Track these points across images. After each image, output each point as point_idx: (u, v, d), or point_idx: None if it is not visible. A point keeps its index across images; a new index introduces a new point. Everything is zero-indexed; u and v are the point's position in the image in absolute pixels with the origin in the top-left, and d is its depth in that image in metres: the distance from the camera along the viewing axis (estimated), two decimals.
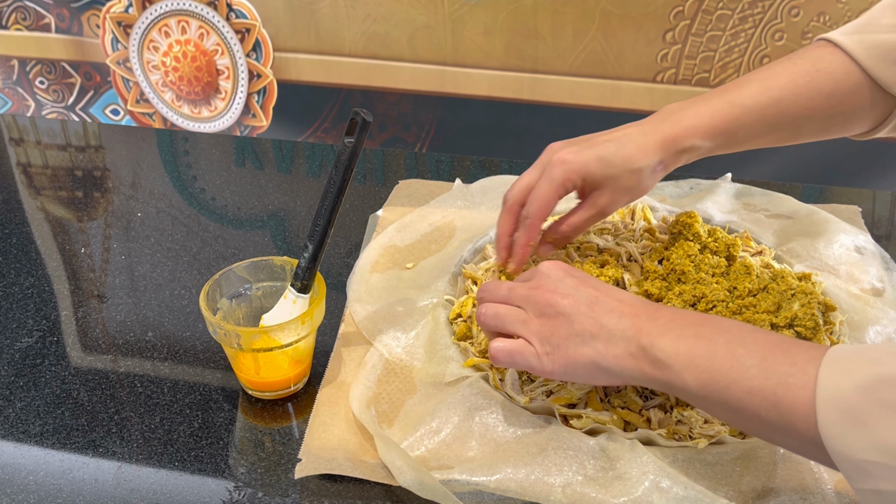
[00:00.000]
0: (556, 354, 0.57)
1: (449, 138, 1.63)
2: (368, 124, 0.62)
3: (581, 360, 0.56)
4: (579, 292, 0.58)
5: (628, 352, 0.55)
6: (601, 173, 0.67)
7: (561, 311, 0.57)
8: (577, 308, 0.57)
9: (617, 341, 0.55)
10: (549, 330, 0.57)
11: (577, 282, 0.59)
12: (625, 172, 0.67)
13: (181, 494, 0.59)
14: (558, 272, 0.60)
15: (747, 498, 0.56)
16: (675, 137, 0.68)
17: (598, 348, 0.55)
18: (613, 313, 0.56)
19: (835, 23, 1.33)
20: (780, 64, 0.70)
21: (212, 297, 0.67)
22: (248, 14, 1.58)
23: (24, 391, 0.69)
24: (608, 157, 0.67)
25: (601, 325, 0.56)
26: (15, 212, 0.96)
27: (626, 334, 0.55)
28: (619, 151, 0.67)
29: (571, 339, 0.56)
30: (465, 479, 0.57)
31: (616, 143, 0.68)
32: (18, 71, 1.78)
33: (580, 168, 0.67)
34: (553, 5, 1.42)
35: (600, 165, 0.67)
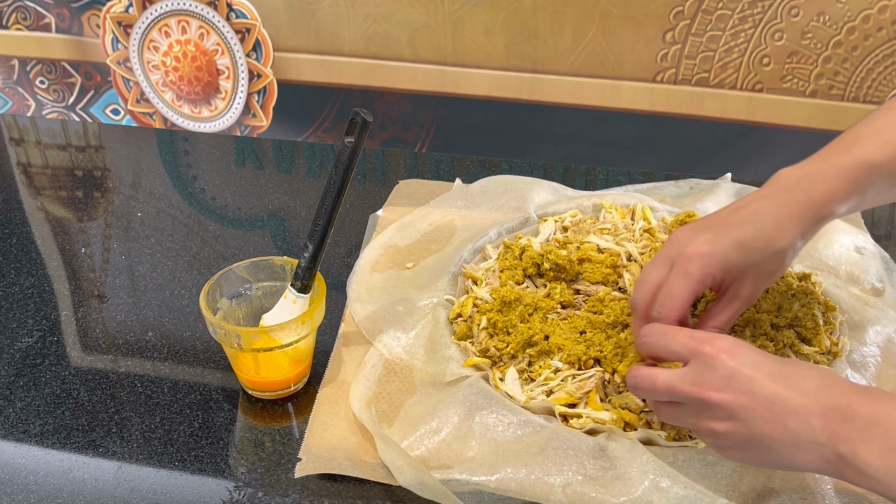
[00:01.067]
0: (735, 454, 0.53)
1: (449, 138, 1.63)
2: (368, 124, 0.62)
3: (764, 462, 0.52)
4: (754, 390, 0.50)
5: (822, 458, 0.49)
6: (742, 262, 0.58)
7: (735, 416, 0.50)
8: (756, 412, 0.50)
9: (807, 447, 0.49)
10: (723, 433, 0.51)
11: (752, 372, 0.51)
12: (767, 256, 0.59)
13: (181, 494, 0.59)
14: (728, 361, 0.51)
15: (747, 498, 0.56)
16: (813, 207, 0.59)
17: (786, 454, 0.50)
18: (798, 416, 0.49)
19: (835, 23, 1.33)
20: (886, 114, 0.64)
21: (212, 297, 0.67)
22: (248, 14, 1.58)
23: (24, 391, 0.69)
24: (748, 243, 0.58)
25: (786, 430, 0.49)
26: (15, 212, 0.96)
27: (818, 440, 0.48)
28: (758, 233, 0.58)
29: (752, 443, 0.51)
30: (465, 479, 0.57)
31: (752, 224, 0.59)
32: (19, 71, 1.78)
33: (720, 261, 0.58)
34: (553, 5, 1.42)
35: (741, 253, 0.58)
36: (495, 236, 0.84)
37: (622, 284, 0.75)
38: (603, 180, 1.01)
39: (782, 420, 0.49)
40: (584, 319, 0.70)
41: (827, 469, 0.49)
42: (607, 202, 0.87)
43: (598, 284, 0.75)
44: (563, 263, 0.74)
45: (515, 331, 0.68)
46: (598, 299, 0.72)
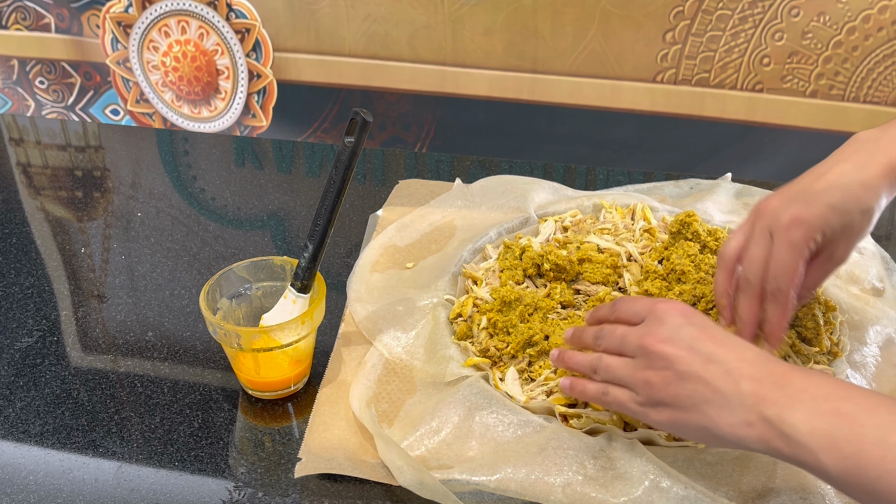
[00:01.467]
0: (663, 412, 0.54)
1: (449, 138, 1.62)
2: (368, 124, 0.62)
3: (690, 423, 0.52)
4: (696, 346, 0.53)
5: (746, 421, 0.50)
6: (839, 224, 0.60)
7: (671, 366, 0.53)
8: (691, 366, 0.52)
9: (733, 408, 0.50)
10: (657, 385, 0.53)
11: (696, 332, 0.53)
12: (858, 217, 0.60)
13: (181, 494, 0.59)
14: (676, 318, 0.54)
15: (747, 498, 0.56)
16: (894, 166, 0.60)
17: (711, 415, 0.51)
18: (731, 376, 0.51)
19: (835, 23, 1.33)
20: None
21: (212, 297, 0.67)
22: (248, 14, 1.58)
23: (24, 391, 0.68)
24: (839, 206, 0.59)
25: (715, 389, 0.51)
26: (15, 212, 0.96)
27: (746, 402, 0.50)
28: (847, 195, 0.59)
29: (681, 398, 0.52)
30: (465, 479, 0.57)
31: (839, 188, 0.60)
32: (18, 71, 1.78)
33: (820, 224, 0.59)
34: (553, 5, 1.42)
35: (837, 216, 0.59)
36: (495, 236, 0.84)
37: (622, 284, 0.75)
38: (603, 180, 1.01)
39: (715, 378, 0.51)
40: (584, 320, 0.70)
41: (750, 435, 0.50)
42: (607, 202, 0.87)
43: (598, 284, 0.75)
44: (563, 264, 0.74)
45: (515, 331, 0.68)
46: (599, 299, 0.72)
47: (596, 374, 0.58)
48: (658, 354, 0.53)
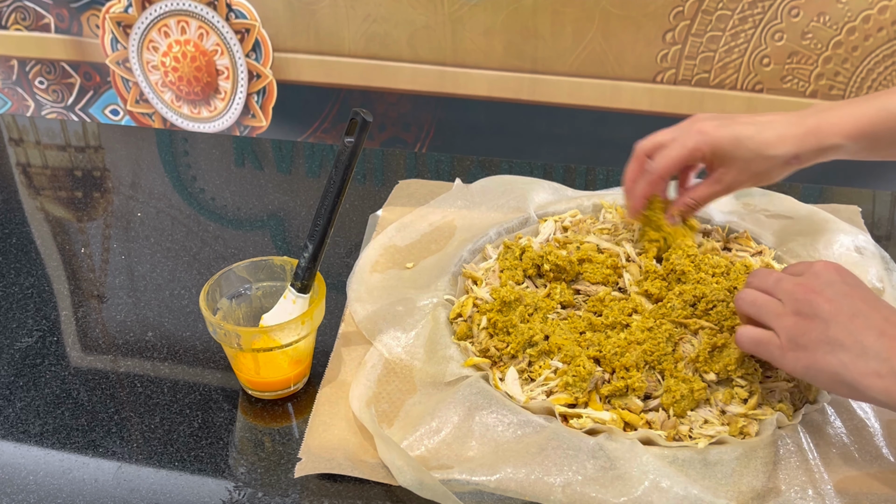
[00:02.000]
0: (801, 355, 0.56)
1: (449, 138, 1.63)
2: (368, 124, 0.62)
3: (825, 367, 0.54)
4: (845, 301, 0.56)
5: (877, 371, 0.52)
6: (731, 152, 0.69)
7: (818, 314, 0.55)
8: (837, 316, 0.55)
9: (868, 358, 0.53)
10: (800, 329, 0.56)
11: (848, 290, 0.57)
12: (756, 157, 0.69)
13: (181, 494, 0.59)
14: (832, 275, 0.58)
15: (747, 498, 0.56)
16: (819, 133, 0.68)
17: (845, 360, 0.53)
18: (874, 330, 0.54)
19: (835, 23, 1.33)
20: None
21: (212, 297, 0.67)
22: (248, 14, 1.58)
23: (24, 391, 0.68)
24: (743, 139, 0.69)
25: (856, 339, 0.53)
26: (15, 212, 0.96)
27: (881, 354, 0.53)
28: (757, 136, 0.69)
29: (821, 345, 0.55)
30: (465, 479, 0.57)
31: (756, 127, 0.69)
32: (18, 71, 1.78)
33: (713, 141, 0.69)
34: (553, 5, 1.42)
35: (733, 144, 0.69)
36: (495, 236, 0.84)
37: (622, 285, 0.75)
38: (603, 180, 1.01)
39: (858, 330, 0.54)
40: (584, 320, 0.70)
41: (878, 385, 0.52)
42: (607, 202, 0.87)
43: (598, 285, 0.75)
44: (563, 264, 0.74)
45: (515, 331, 0.68)
46: (598, 299, 0.72)
47: (741, 301, 0.62)
48: (807, 301, 0.56)
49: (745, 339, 0.60)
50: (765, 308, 0.59)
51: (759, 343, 0.59)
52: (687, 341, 0.68)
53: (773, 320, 0.58)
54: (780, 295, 0.59)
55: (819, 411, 0.63)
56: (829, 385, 0.56)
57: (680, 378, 0.63)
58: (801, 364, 0.56)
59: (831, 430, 0.62)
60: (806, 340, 0.55)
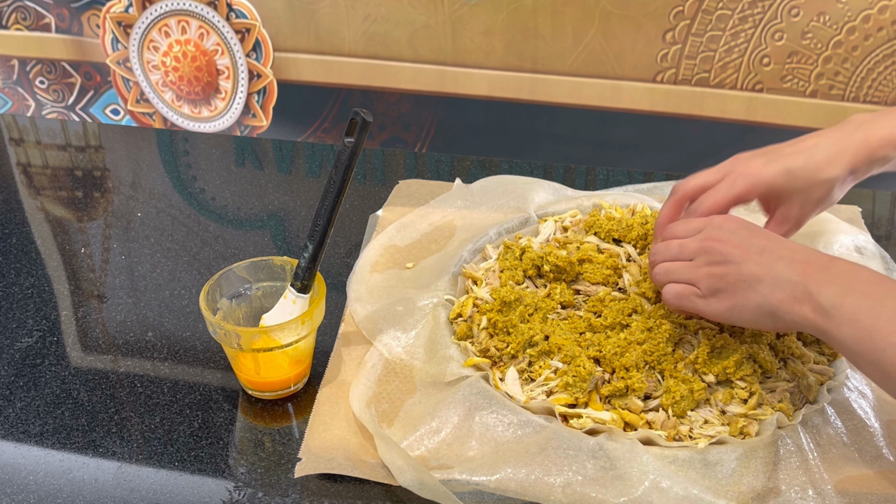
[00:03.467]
0: (723, 297, 0.59)
1: (449, 138, 1.63)
2: (368, 124, 0.62)
3: (747, 303, 0.58)
4: (750, 242, 0.60)
5: (793, 296, 0.56)
6: (788, 187, 0.67)
7: (730, 259, 0.59)
8: (747, 255, 0.59)
9: (784, 285, 0.57)
10: (717, 276, 0.60)
11: (750, 233, 0.61)
12: (814, 184, 0.67)
13: (181, 494, 0.59)
14: (731, 224, 0.62)
15: (747, 498, 0.56)
16: (869, 146, 0.67)
17: (765, 292, 0.57)
18: (783, 260, 0.58)
19: (835, 23, 1.33)
20: None
21: (212, 297, 0.67)
22: (248, 14, 1.58)
23: (24, 391, 0.69)
24: (796, 170, 0.66)
25: (770, 270, 0.58)
26: (15, 212, 0.96)
27: (794, 279, 0.57)
28: (808, 163, 0.66)
29: (739, 284, 0.59)
30: (465, 479, 0.57)
31: (805, 155, 0.67)
32: (18, 71, 1.78)
33: (766, 183, 0.67)
34: (553, 5, 1.42)
35: (787, 179, 0.66)
36: (495, 236, 0.84)
37: (622, 285, 0.75)
38: (603, 180, 1.01)
39: (769, 262, 0.58)
40: (584, 320, 0.70)
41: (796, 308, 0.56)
42: (607, 202, 0.87)
43: (598, 285, 0.75)
44: (563, 265, 0.74)
45: (516, 331, 0.68)
46: (599, 299, 0.72)
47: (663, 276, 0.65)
48: (717, 251, 0.60)
49: (670, 296, 0.63)
50: (679, 271, 0.63)
51: (682, 297, 0.62)
52: (687, 341, 0.68)
53: (689, 275, 0.62)
54: (688, 255, 0.63)
55: (819, 411, 0.63)
56: (753, 320, 0.59)
57: (680, 378, 0.63)
58: (724, 306, 0.60)
59: (831, 430, 0.62)
60: (724, 284, 0.59)
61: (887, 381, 0.53)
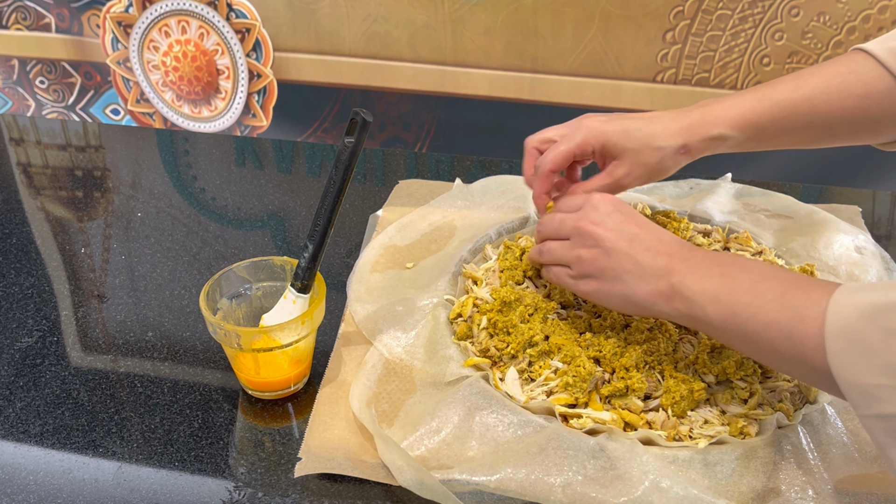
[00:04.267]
0: (591, 282, 0.63)
1: (449, 138, 1.63)
2: (368, 124, 0.62)
3: (613, 291, 0.61)
4: (622, 228, 0.62)
5: (658, 289, 0.59)
6: (621, 144, 0.70)
7: (600, 244, 0.62)
8: (617, 243, 0.61)
9: (649, 278, 0.59)
10: (588, 259, 0.63)
11: (623, 218, 0.63)
12: (645, 148, 0.70)
13: (181, 494, 0.59)
14: (607, 206, 0.64)
15: (747, 498, 0.56)
16: (704, 124, 0.70)
17: (631, 284, 0.60)
18: (650, 252, 0.60)
19: (835, 23, 1.33)
20: (815, 67, 0.72)
21: (212, 297, 0.67)
22: (248, 14, 1.58)
23: (24, 391, 0.69)
24: (631, 131, 0.70)
25: (636, 262, 0.60)
26: (15, 212, 0.96)
27: (658, 272, 0.59)
28: (644, 128, 0.70)
29: (607, 271, 0.62)
30: (465, 479, 0.57)
31: (643, 121, 0.71)
32: (18, 71, 1.78)
33: (600, 135, 0.71)
34: (553, 5, 1.42)
35: (622, 137, 0.70)
36: (495, 236, 0.84)
37: None
38: None
39: (636, 253, 0.61)
40: (584, 320, 0.70)
41: (660, 301, 0.59)
42: None
43: None
44: None
45: (516, 331, 0.68)
46: None
47: (539, 255, 0.70)
48: (590, 234, 0.63)
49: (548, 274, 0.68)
50: (556, 252, 0.67)
51: (557, 276, 0.67)
52: (687, 341, 0.68)
53: (563, 255, 0.66)
54: (565, 233, 0.66)
55: (819, 411, 0.63)
56: (620, 307, 0.62)
57: (680, 378, 0.63)
58: (591, 290, 0.63)
59: (831, 430, 0.62)
60: (592, 269, 0.63)
61: (756, 349, 0.55)
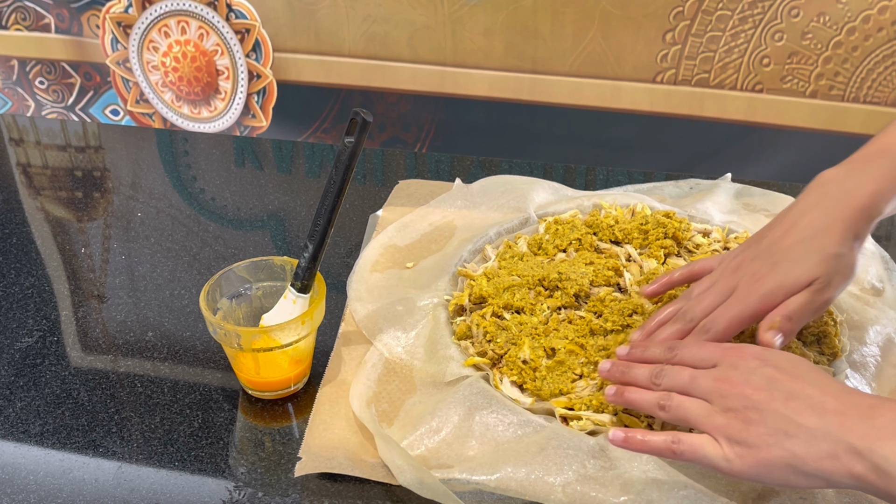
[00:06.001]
0: (747, 456, 0.51)
1: (449, 138, 1.63)
2: (368, 124, 0.62)
3: (775, 461, 0.50)
4: (774, 385, 0.51)
5: (831, 452, 0.48)
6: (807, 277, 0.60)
7: (751, 406, 0.51)
8: (771, 404, 0.51)
9: (818, 442, 0.48)
10: (737, 428, 0.51)
11: (773, 372, 0.52)
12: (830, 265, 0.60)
13: (181, 494, 0.59)
14: (751, 361, 0.53)
15: (747, 498, 0.56)
16: (864, 210, 0.61)
17: (795, 450, 0.49)
18: (814, 410, 0.49)
19: (835, 23, 1.33)
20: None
21: (212, 297, 0.67)
22: (248, 14, 1.58)
23: (24, 391, 0.68)
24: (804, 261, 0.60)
25: (798, 425, 0.49)
26: (15, 212, 0.96)
27: (830, 434, 0.48)
28: (813, 248, 0.60)
29: (763, 438, 0.50)
30: (466, 478, 0.57)
31: (805, 243, 0.61)
32: (18, 71, 1.78)
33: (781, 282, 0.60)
34: (553, 5, 1.42)
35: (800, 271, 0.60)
36: (495, 236, 0.84)
37: (623, 285, 0.75)
38: (603, 180, 1.01)
39: (797, 414, 0.49)
40: (585, 321, 0.70)
41: (836, 467, 0.48)
42: (607, 202, 0.87)
43: (599, 287, 0.75)
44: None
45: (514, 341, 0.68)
46: (599, 300, 0.72)
47: (664, 411, 0.55)
48: (736, 396, 0.52)
49: (686, 448, 0.53)
50: (691, 411, 0.54)
51: (699, 449, 0.52)
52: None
53: (703, 422, 0.53)
54: (700, 394, 0.54)
55: None
56: (784, 479, 0.50)
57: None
58: (748, 465, 0.51)
59: None
60: (745, 436, 0.51)
61: None
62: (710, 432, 0.52)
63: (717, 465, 0.52)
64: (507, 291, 0.72)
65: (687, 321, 0.62)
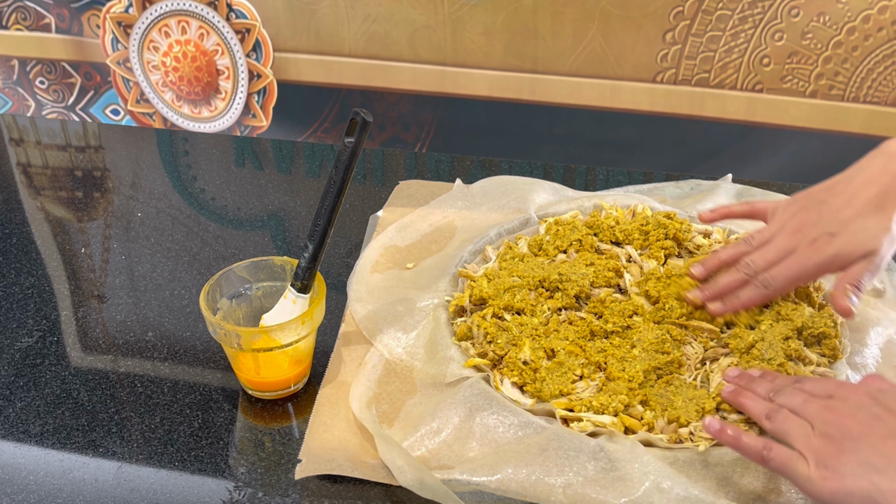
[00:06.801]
0: (832, 480, 0.52)
1: (449, 138, 1.63)
2: (368, 124, 0.62)
3: (857, 491, 0.51)
4: (877, 423, 0.53)
5: None
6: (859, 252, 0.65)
7: (849, 437, 0.53)
8: (869, 438, 0.52)
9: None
10: (830, 453, 0.53)
11: (881, 411, 0.54)
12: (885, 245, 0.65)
13: (181, 494, 0.59)
14: (862, 398, 0.55)
15: (747, 499, 0.56)
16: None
17: (880, 484, 0.50)
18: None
19: (835, 23, 1.33)
20: None
21: (212, 297, 0.67)
22: (248, 14, 1.58)
23: (24, 391, 0.68)
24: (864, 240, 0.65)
25: (889, 461, 0.51)
26: (15, 212, 0.96)
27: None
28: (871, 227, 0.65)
29: (852, 468, 0.51)
30: (466, 479, 0.57)
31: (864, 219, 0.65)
32: (18, 71, 1.78)
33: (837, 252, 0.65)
34: (553, 5, 1.42)
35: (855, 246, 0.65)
36: (495, 237, 0.84)
37: (623, 285, 0.75)
38: (603, 181, 1.01)
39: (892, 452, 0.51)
40: (585, 322, 0.70)
41: None
42: (607, 203, 0.87)
43: (599, 288, 0.75)
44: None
45: (514, 338, 0.68)
46: (599, 301, 0.72)
47: (769, 421, 0.57)
48: (838, 425, 0.54)
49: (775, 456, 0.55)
50: (793, 428, 0.56)
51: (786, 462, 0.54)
52: (688, 342, 0.68)
53: (800, 440, 0.55)
54: (805, 415, 0.56)
55: None
56: None
57: (687, 396, 0.63)
58: (829, 489, 0.52)
59: None
60: (835, 462, 0.52)
61: None
62: (802, 451, 0.54)
63: (799, 483, 0.53)
64: (507, 292, 0.72)
65: (748, 272, 0.68)
